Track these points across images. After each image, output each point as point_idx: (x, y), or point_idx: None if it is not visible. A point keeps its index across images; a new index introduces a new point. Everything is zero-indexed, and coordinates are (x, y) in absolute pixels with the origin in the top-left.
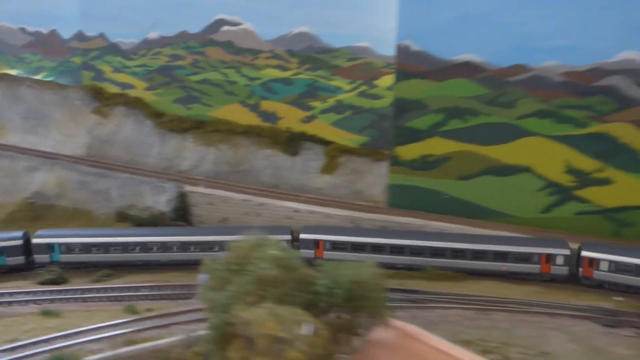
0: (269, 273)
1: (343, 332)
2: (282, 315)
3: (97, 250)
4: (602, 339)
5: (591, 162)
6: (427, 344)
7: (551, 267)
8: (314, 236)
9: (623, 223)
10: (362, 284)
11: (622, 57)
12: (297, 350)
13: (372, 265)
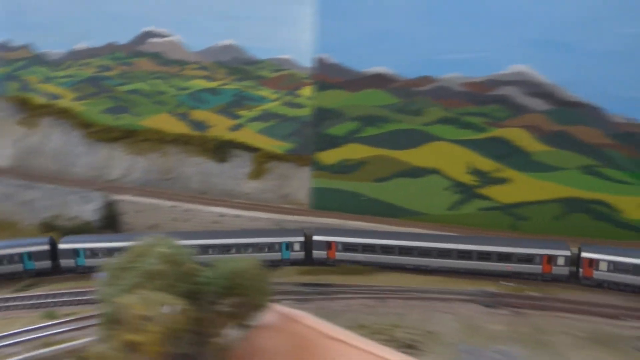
0: (155, 268)
1: (227, 318)
2: (149, 299)
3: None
4: (481, 318)
5: (490, 163)
6: (306, 325)
7: (552, 267)
8: (326, 238)
9: (519, 217)
10: (242, 274)
11: (513, 69)
12: (156, 325)
13: (252, 258)
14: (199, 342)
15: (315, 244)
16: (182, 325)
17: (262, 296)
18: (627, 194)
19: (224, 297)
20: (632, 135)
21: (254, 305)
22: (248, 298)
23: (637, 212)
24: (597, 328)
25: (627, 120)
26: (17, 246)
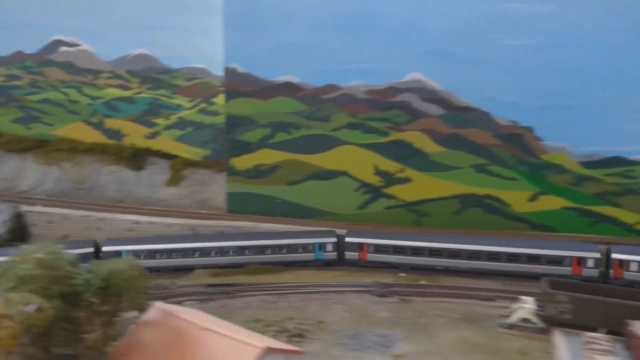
0: (29, 273)
1: (105, 317)
2: (12, 300)
3: (160, 256)
4: (372, 307)
5: (394, 165)
6: (183, 319)
7: (582, 269)
8: (358, 240)
9: (422, 214)
10: (118, 275)
11: (410, 77)
12: (13, 322)
13: (130, 259)
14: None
15: (347, 246)
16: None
17: (140, 295)
18: (514, 189)
19: (102, 297)
20: (515, 136)
21: (133, 304)
22: (125, 297)
23: (524, 206)
24: (471, 310)
25: (510, 123)
26: None
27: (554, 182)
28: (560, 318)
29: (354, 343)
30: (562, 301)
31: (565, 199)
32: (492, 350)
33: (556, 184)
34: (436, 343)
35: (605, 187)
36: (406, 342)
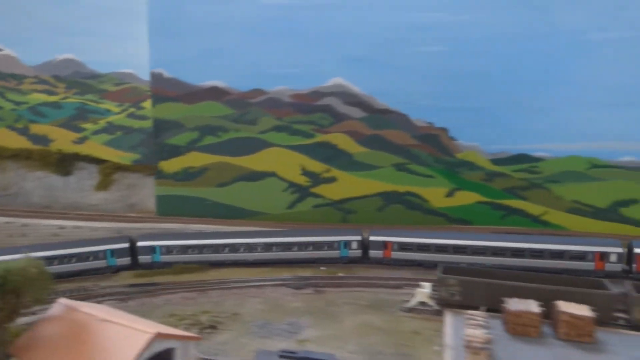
0: None
1: (3, 313)
2: None
3: (191, 252)
4: (287, 298)
5: (320, 165)
6: (84, 312)
7: (605, 264)
8: (382, 238)
9: (348, 211)
10: (17, 273)
11: (333, 82)
12: None
13: (30, 257)
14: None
15: (371, 244)
16: None
17: (40, 292)
18: (432, 186)
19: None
20: (431, 137)
21: (34, 301)
22: (25, 295)
23: (441, 201)
24: (378, 297)
25: (426, 124)
26: None
27: (468, 178)
28: (452, 300)
29: (263, 331)
30: (452, 284)
31: (479, 194)
32: (389, 331)
33: (470, 180)
34: (340, 328)
35: (513, 182)
36: (312, 329)
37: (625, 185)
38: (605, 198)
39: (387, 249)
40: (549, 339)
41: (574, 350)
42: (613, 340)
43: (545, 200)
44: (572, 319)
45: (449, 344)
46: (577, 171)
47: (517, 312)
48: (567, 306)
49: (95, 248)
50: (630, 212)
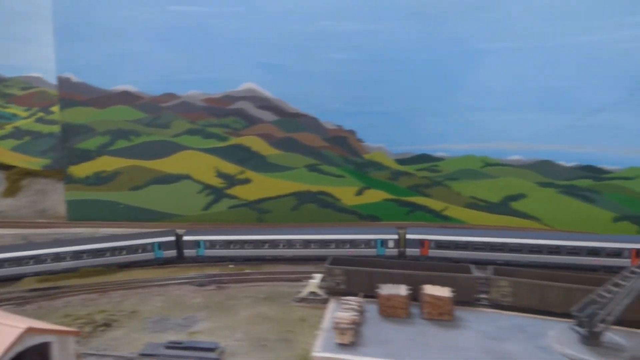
0: None
1: None
2: None
3: (233, 247)
4: (189, 295)
5: (234, 167)
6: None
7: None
8: (419, 236)
9: (263, 211)
10: None
11: (245, 87)
12: None
13: None
14: None
15: (408, 242)
16: None
17: None
18: (342, 185)
19: None
20: (341, 139)
21: None
22: None
23: (352, 199)
24: (277, 290)
25: (336, 127)
26: None
27: (376, 177)
28: (337, 288)
29: (157, 327)
30: (337, 274)
31: (386, 192)
32: (279, 320)
33: (377, 179)
34: (233, 319)
35: (417, 180)
36: (206, 321)
37: (514, 181)
38: (498, 193)
39: (424, 247)
40: (416, 318)
41: (432, 327)
42: (470, 317)
43: (445, 196)
44: (434, 299)
45: (325, 327)
46: (472, 169)
47: (387, 295)
48: (431, 289)
49: (144, 241)
50: (518, 205)
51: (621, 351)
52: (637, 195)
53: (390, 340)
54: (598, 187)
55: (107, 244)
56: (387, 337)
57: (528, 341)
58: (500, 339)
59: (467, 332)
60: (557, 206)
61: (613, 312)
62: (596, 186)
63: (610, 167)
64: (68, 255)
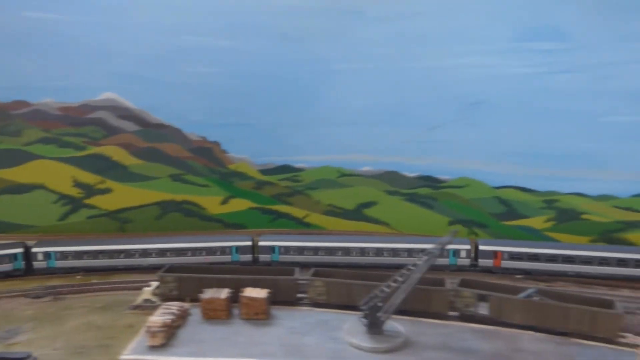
0: None
1: None
2: None
3: (307, 253)
4: (20, 308)
5: (93, 177)
6: None
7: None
8: (492, 248)
9: (124, 220)
10: None
11: (105, 96)
12: None
13: None
14: None
15: (481, 253)
16: None
17: None
18: (208, 195)
19: None
20: (205, 150)
21: None
22: None
23: (217, 208)
24: (117, 299)
25: (200, 138)
26: None
27: (241, 187)
28: (171, 294)
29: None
30: (169, 281)
31: (250, 201)
32: (105, 328)
33: (242, 189)
34: (59, 329)
35: (279, 189)
36: (30, 333)
37: (366, 190)
38: (352, 201)
39: (497, 258)
40: (235, 319)
41: (247, 326)
42: (284, 315)
43: (306, 204)
44: (249, 301)
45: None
46: (329, 179)
47: (208, 299)
48: (250, 291)
49: (223, 244)
50: (370, 212)
51: (397, 337)
52: (466, 202)
53: (203, 340)
54: (435, 194)
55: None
56: (201, 337)
57: (325, 334)
58: (302, 333)
59: (275, 329)
60: (402, 212)
61: (392, 304)
62: (434, 194)
63: (445, 177)
64: None
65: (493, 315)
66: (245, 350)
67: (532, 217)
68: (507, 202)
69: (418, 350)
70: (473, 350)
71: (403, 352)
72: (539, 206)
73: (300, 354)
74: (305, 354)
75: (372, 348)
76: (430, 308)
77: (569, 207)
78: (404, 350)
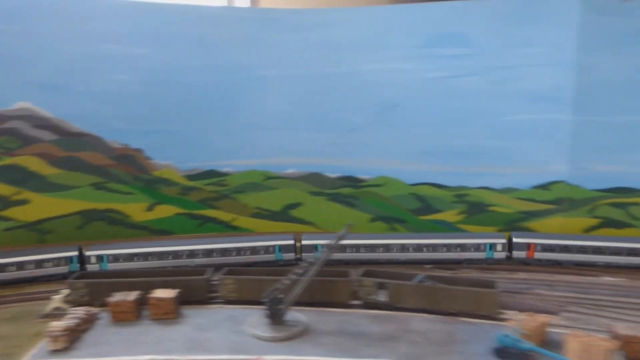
0: None
1: None
2: None
3: (349, 250)
4: None
5: (9, 188)
6: None
7: None
8: (526, 240)
9: (44, 231)
10: None
11: (19, 106)
12: None
13: None
14: None
15: (515, 245)
16: None
17: None
18: (132, 202)
19: None
20: (128, 157)
21: None
22: None
23: (142, 215)
24: (27, 310)
25: (122, 146)
26: None
27: (166, 193)
28: (82, 301)
29: None
30: (79, 287)
31: (176, 207)
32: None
33: (168, 195)
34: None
35: (206, 194)
36: None
37: (291, 192)
38: (278, 203)
39: (530, 250)
40: (144, 320)
41: (155, 326)
42: (193, 314)
43: (233, 208)
44: (157, 301)
45: None
46: (256, 182)
47: (116, 302)
48: (158, 292)
49: (267, 243)
50: (296, 213)
51: (297, 326)
52: (386, 199)
53: (108, 342)
54: (357, 193)
55: None
56: (106, 340)
57: (229, 328)
58: (207, 329)
59: (182, 327)
60: (327, 211)
61: (292, 296)
62: (355, 193)
63: (365, 176)
64: None
65: (391, 301)
66: (147, 348)
67: (446, 211)
68: (423, 198)
69: (315, 336)
70: (366, 334)
71: (300, 339)
72: (451, 200)
73: (201, 348)
74: (206, 348)
75: (270, 337)
76: (335, 298)
77: (478, 200)
78: (302, 338)
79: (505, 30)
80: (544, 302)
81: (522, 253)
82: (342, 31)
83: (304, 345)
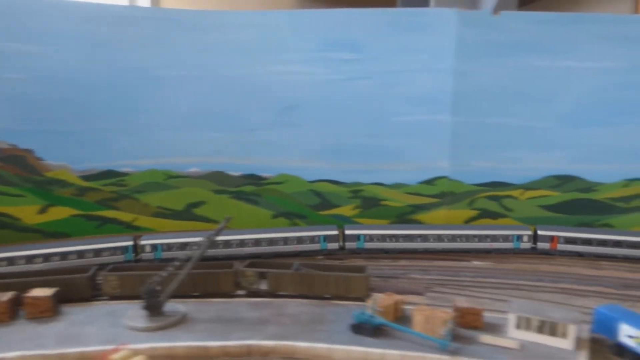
0: None
1: None
2: None
3: (389, 240)
4: None
5: None
6: None
7: None
8: (550, 232)
9: None
10: None
11: None
12: None
13: None
14: None
15: (540, 237)
16: None
17: None
18: (23, 205)
19: None
20: (17, 158)
21: None
22: None
23: (35, 218)
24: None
25: (10, 146)
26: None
27: (60, 194)
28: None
29: None
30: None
31: (72, 208)
32: None
33: (62, 196)
34: None
35: (104, 194)
36: None
37: (194, 190)
38: (181, 202)
39: (554, 242)
40: (21, 320)
41: (31, 325)
42: (74, 311)
43: (134, 208)
44: (33, 300)
45: None
46: (157, 182)
47: None
48: (35, 291)
49: (312, 233)
50: (200, 211)
51: (175, 316)
52: (286, 196)
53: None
54: (259, 191)
55: None
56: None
57: (108, 322)
58: (84, 324)
59: (58, 324)
60: (230, 209)
61: (169, 288)
62: (258, 190)
63: (267, 174)
64: None
65: (271, 289)
66: (17, 345)
67: (343, 206)
68: (321, 194)
69: (191, 324)
70: (240, 319)
71: (176, 327)
72: (347, 196)
73: (75, 342)
74: (80, 341)
75: (145, 327)
76: (219, 289)
77: (371, 195)
78: (178, 326)
79: (392, 38)
80: (414, 285)
81: (546, 245)
82: (243, 34)
83: (177, 332)
